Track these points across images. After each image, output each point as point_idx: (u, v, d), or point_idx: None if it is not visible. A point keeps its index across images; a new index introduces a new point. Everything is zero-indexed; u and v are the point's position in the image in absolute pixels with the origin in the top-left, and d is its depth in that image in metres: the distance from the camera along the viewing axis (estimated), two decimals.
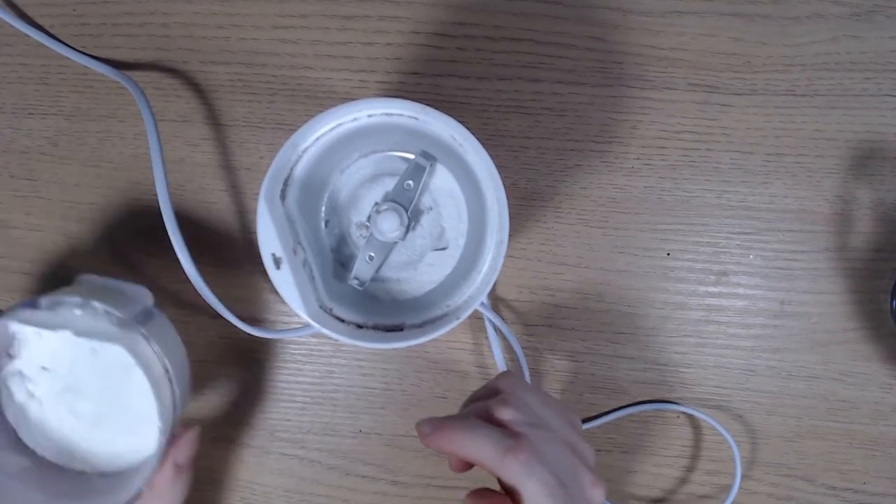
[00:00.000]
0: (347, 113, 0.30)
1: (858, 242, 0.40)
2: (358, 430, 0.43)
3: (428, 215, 0.34)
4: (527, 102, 0.40)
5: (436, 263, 0.34)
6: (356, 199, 0.34)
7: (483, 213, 0.31)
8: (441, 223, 0.34)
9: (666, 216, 0.41)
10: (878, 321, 0.40)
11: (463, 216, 0.34)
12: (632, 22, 0.39)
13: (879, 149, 0.40)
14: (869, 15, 0.39)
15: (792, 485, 0.42)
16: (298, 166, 0.32)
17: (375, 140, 0.33)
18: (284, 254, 0.30)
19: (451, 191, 0.34)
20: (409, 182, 0.33)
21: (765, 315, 0.41)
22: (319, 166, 0.32)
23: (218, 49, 0.41)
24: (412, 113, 0.30)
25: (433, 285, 0.34)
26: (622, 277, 0.41)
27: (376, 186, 0.34)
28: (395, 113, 0.31)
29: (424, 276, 0.34)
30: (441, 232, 0.34)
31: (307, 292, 0.32)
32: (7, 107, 0.43)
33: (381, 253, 0.33)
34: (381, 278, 0.34)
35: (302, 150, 0.31)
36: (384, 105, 0.30)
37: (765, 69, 0.39)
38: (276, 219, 0.31)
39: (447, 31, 0.40)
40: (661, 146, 0.40)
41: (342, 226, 0.34)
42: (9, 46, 0.42)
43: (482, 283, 0.30)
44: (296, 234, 0.32)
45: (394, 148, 0.34)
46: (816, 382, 0.41)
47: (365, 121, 0.31)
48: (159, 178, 0.36)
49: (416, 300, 0.34)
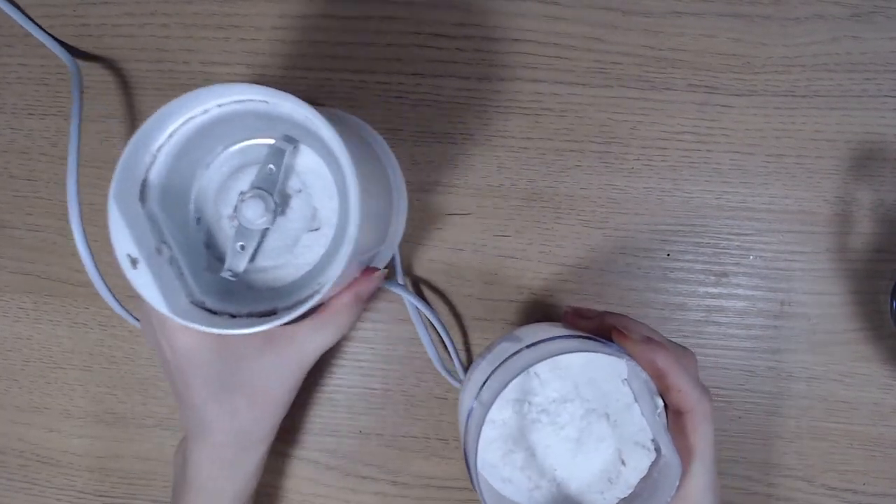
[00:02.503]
0: (191, 105, 0.30)
1: (858, 243, 0.40)
2: (358, 430, 0.43)
3: (298, 198, 0.34)
4: (527, 103, 0.40)
5: (311, 245, 0.34)
6: (225, 191, 0.34)
7: (345, 186, 0.31)
8: (312, 204, 0.33)
9: (666, 217, 0.41)
10: (879, 322, 0.40)
11: (333, 195, 0.33)
12: (631, 22, 0.39)
13: (879, 149, 0.40)
14: (869, 16, 0.39)
15: (792, 485, 0.42)
16: (155, 166, 0.31)
17: (236, 129, 0.33)
18: (142, 253, 0.30)
19: (318, 171, 0.33)
20: (270, 167, 0.32)
21: (765, 316, 0.41)
22: (181, 163, 0.32)
23: (218, 49, 0.41)
24: (261, 96, 0.30)
25: (309, 267, 0.33)
26: (622, 278, 0.41)
27: (244, 176, 0.34)
28: (245, 99, 0.30)
29: (301, 259, 0.34)
30: (314, 213, 0.33)
31: (175, 289, 0.31)
32: (7, 107, 0.43)
33: (251, 241, 0.32)
34: (258, 268, 0.34)
35: (156, 150, 0.31)
36: (229, 91, 0.30)
37: (764, 70, 0.39)
38: (133, 220, 0.30)
39: (447, 31, 0.40)
40: (660, 147, 0.40)
41: (214, 220, 0.34)
42: (9, 47, 0.42)
43: (345, 253, 0.29)
44: (160, 233, 0.32)
45: (256, 135, 0.34)
46: (816, 383, 0.41)
47: (217, 111, 0.30)
48: (71, 170, 0.35)
49: (293, 283, 0.33)
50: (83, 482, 0.46)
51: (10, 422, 0.46)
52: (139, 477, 0.45)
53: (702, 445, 0.29)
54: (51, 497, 0.46)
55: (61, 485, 0.46)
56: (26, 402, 0.45)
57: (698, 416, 0.29)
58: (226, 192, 0.34)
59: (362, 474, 0.43)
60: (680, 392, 0.29)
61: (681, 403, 0.29)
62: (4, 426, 0.46)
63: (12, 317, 0.45)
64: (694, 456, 0.29)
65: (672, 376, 0.29)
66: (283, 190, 0.33)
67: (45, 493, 0.46)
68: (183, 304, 0.31)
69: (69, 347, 0.44)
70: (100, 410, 0.45)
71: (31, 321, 0.44)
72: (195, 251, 0.34)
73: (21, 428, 0.46)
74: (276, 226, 0.33)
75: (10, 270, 0.44)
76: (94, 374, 0.44)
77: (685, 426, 0.29)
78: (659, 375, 0.29)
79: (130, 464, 0.45)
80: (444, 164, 0.41)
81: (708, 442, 0.29)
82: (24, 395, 0.45)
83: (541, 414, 0.32)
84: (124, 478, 0.45)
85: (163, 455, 0.45)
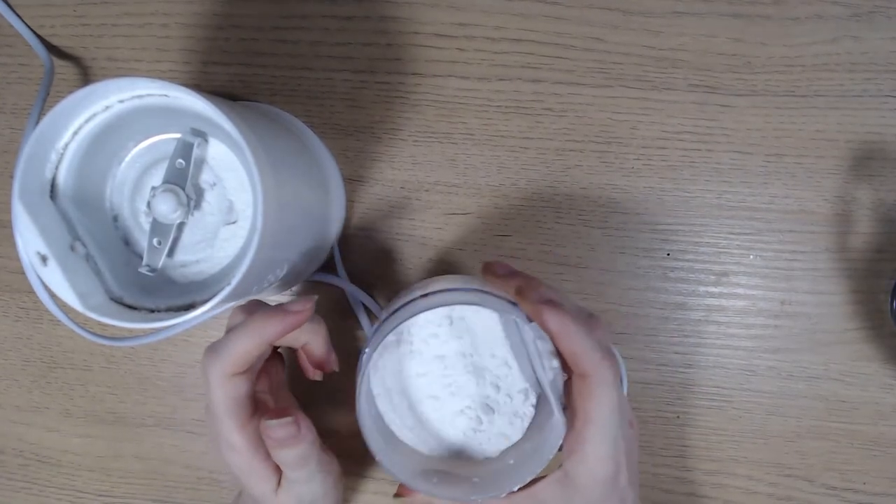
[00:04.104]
0: (85, 103, 0.30)
1: (859, 243, 0.40)
2: (358, 430, 0.43)
3: (212, 191, 0.33)
4: (527, 103, 0.40)
5: (229, 238, 0.33)
6: (140, 187, 0.34)
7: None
8: (227, 196, 0.33)
9: (666, 217, 0.41)
10: (879, 321, 0.40)
11: (245, 186, 0.33)
12: (632, 22, 0.39)
13: (880, 149, 0.40)
14: (869, 16, 0.39)
15: (792, 485, 0.42)
16: (64, 164, 0.31)
17: (143, 125, 0.33)
18: (53, 251, 0.30)
19: (230, 163, 0.33)
20: (180, 161, 0.32)
21: (765, 315, 0.41)
22: (92, 160, 0.32)
23: (218, 49, 0.41)
24: (160, 90, 0.30)
25: (228, 260, 0.33)
26: (622, 278, 0.41)
27: (157, 171, 0.34)
28: (144, 93, 0.30)
29: (220, 253, 0.34)
30: (230, 206, 0.33)
31: (92, 286, 0.32)
32: (7, 107, 0.43)
33: (166, 236, 0.32)
34: (179, 262, 0.33)
35: (62, 147, 0.31)
36: (125, 86, 0.29)
37: (765, 70, 0.39)
38: (43, 218, 0.30)
39: (447, 31, 0.40)
40: (661, 147, 0.40)
41: (131, 216, 0.34)
42: (9, 47, 0.42)
43: (254, 244, 0.29)
44: (73, 230, 0.32)
45: (165, 130, 0.34)
46: (816, 383, 0.41)
47: (119, 107, 0.30)
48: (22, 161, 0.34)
49: (212, 277, 0.33)
50: (83, 482, 0.46)
51: (10, 422, 0.46)
52: (139, 477, 0.45)
53: (599, 411, 0.28)
54: (51, 497, 0.46)
55: (61, 484, 0.46)
56: (26, 402, 0.45)
57: (595, 382, 0.28)
58: (141, 188, 0.34)
59: (362, 474, 0.43)
60: (575, 355, 0.29)
61: (576, 367, 0.29)
62: (4, 426, 0.46)
63: (12, 317, 0.45)
64: (590, 421, 0.29)
65: (566, 340, 0.29)
66: (196, 184, 0.33)
67: (45, 492, 0.46)
68: (99, 300, 0.31)
69: (69, 347, 0.44)
70: (100, 410, 0.45)
71: (31, 321, 0.44)
72: (113, 248, 0.34)
73: (21, 428, 0.46)
74: (194, 220, 0.33)
75: (11, 270, 0.44)
76: (94, 373, 0.44)
77: (582, 391, 0.29)
78: (553, 338, 0.29)
79: (130, 463, 0.45)
80: (444, 164, 0.41)
81: (607, 408, 0.28)
82: (24, 395, 0.45)
83: (431, 364, 0.33)
84: (124, 477, 0.45)
85: (163, 455, 0.45)
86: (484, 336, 0.33)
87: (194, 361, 0.44)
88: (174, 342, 0.44)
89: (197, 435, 0.45)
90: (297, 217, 0.34)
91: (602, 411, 0.28)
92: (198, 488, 0.45)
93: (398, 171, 0.41)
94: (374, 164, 0.41)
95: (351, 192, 0.42)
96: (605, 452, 0.29)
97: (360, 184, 0.42)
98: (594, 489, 0.29)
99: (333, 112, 0.41)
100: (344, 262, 0.42)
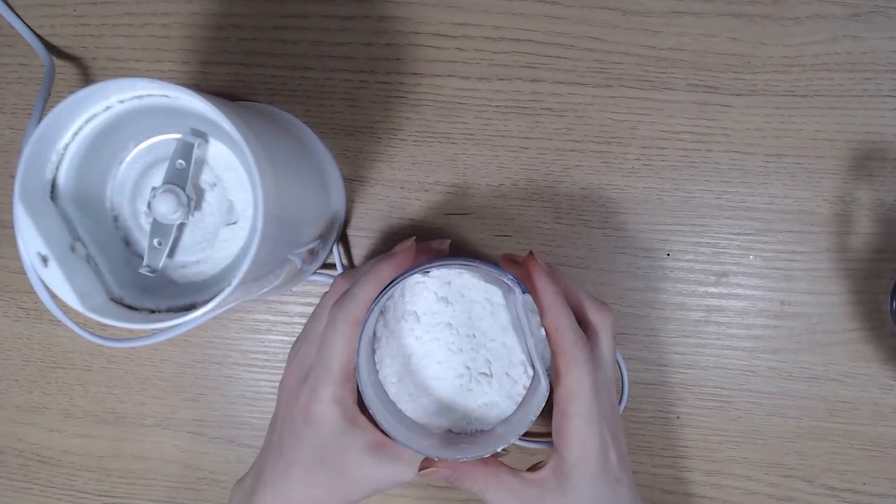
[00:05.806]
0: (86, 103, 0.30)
1: (858, 243, 0.40)
2: None
3: (213, 191, 0.33)
4: (527, 102, 0.40)
5: (229, 238, 0.34)
6: (141, 188, 0.34)
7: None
8: (228, 197, 0.33)
9: (666, 217, 0.41)
10: (879, 322, 0.40)
11: (245, 186, 0.33)
12: (631, 22, 0.39)
13: (879, 149, 0.40)
14: (869, 15, 0.39)
15: (792, 485, 0.42)
16: (64, 165, 0.31)
17: (144, 125, 0.33)
18: (54, 252, 0.30)
19: (230, 163, 0.33)
20: (180, 161, 0.32)
21: (765, 316, 0.41)
22: (92, 161, 0.32)
23: (218, 49, 0.41)
24: (160, 91, 0.30)
25: (229, 260, 0.33)
26: (622, 278, 0.41)
27: (157, 172, 0.34)
28: (145, 94, 0.30)
29: (221, 253, 0.34)
30: (230, 206, 0.33)
31: (93, 286, 0.32)
32: (7, 107, 0.43)
33: (167, 237, 0.32)
34: (179, 263, 0.33)
35: (62, 148, 0.31)
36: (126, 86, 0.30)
37: (765, 70, 0.39)
38: (43, 218, 0.30)
39: (447, 31, 0.40)
40: (660, 147, 0.40)
41: (132, 217, 0.34)
42: (9, 47, 0.42)
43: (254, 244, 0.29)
44: (74, 231, 0.32)
45: (166, 130, 0.34)
46: (816, 383, 0.41)
47: (120, 107, 0.30)
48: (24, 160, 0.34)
49: (213, 277, 0.33)
50: (83, 482, 0.46)
51: (10, 422, 0.46)
52: (139, 477, 0.45)
53: (578, 389, 0.31)
54: (51, 497, 0.46)
55: (61, 485, 0.46)
56: (26, 402, 0.45)
57: (570, 360, 0.31)
58: (141, 188, 0.34)
59: None
60: (556, 332, 0.31)
61: (555, 345, 0.31)
62: (4, 426, 0.46)
63: (12, 317, 0.45)
64: (572, 397, 0.31)
65: (549, 316, 0.31)
66: (196, 184, 0.33)
67: (45, 492, 0.46)
68: (99, 301, 0.31)
69: (69, 347, 0.44)
70: (100, 410, 0.45)
71: (31, 321, 0.44)
72: (114, 248, 0.34)
73: (21, 428, 0.46)
74: (194, 221, 0.33)
75: (11, 270, 0.44)
76: (94, 374, 0.45)
77: (561, 367, 0.31)
78: (540, 312, 0.32)
79: (130, 463, 0.45)
80: (443, 164, 0.41)
81: (584, 387, 0.31)
82: (24, 395, 0.45)
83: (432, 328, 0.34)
84: (124, 477, 0.45)
85: (163, 454, 0.45)
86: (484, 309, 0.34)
87: (194, 361, 0.44)
88: (175, 342, 0.44)
89: (197, 435, 0.45)
90: (298, 217, 0.34)
91: (584, 391, 0.31)
92: (198, 488, 0.45)
93: (398, 171, 0.41)
94: (374, 164, 0.41)
95: (351, 192, 0.42)
96: (593, 431, 0.31)
97: (360, 184, 0.42)
98: (586, 467, 0.31)
99: (333, 112, 0.41)
100: (344, 262, 0.42)
